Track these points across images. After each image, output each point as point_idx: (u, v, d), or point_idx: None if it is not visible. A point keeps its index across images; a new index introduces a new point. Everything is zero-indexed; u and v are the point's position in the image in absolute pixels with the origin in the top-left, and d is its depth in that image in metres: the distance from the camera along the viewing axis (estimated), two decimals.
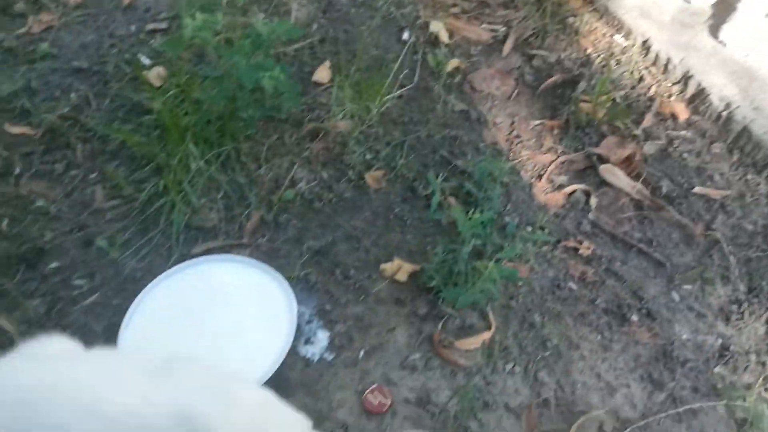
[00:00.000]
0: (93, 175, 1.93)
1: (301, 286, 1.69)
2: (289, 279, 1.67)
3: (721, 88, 2.10)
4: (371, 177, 1.94)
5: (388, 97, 2.08)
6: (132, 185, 1.88)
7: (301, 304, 1.63)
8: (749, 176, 2.01)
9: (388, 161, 1.98)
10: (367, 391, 1.47)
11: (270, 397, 1.07)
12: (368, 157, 1.99)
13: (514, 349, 1.57)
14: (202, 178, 1.86)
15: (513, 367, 1.54)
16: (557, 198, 1.91)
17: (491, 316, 1.62)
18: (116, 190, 1.89)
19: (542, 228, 1.83)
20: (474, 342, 1.56)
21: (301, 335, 1.58)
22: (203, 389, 1.00)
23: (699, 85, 2.13)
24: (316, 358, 1.55)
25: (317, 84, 2.17)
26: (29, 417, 0.94)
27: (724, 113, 2.07)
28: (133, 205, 1.85)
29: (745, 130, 2.03)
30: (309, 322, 1.62)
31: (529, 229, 1.82)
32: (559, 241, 1.81)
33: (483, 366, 1.53)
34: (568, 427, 1.42)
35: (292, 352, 1.54)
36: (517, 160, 2.01)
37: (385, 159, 1.99)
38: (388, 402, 1.45)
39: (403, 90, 2.15)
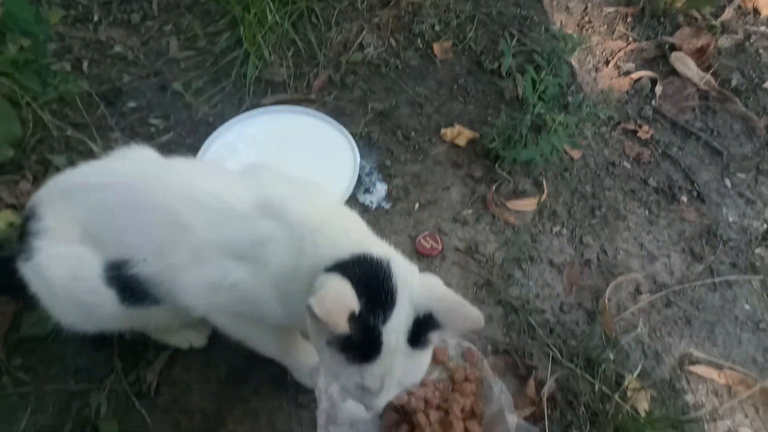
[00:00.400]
0: (168, 27, 2.01)
1: (363, 142, 1.77)
2: (352, 134, 1.75)
3: None
4: (439, 47, 1.97)
5: None
6: (206, 38, 1.96)
7: (362, 157, 1.72)
8: None
9: (457, 34, 2.00)
10: (420, 236, 1.57)
11: (341, 203, 1.17)
12: (437, 28, 2.01)
13: (563, 214, 1.65)
14: (275, 34, 1.92)
15: (560, 229, 1.62)
16: (622, 83, 1.92)
17: (545, 183, 1.69)
18: (190, 42, 1.97)
19: (606, 109, 1.86)
20: (526, 204, 1.64)
21: (361, 185, 1.68)
22: (284, 187, 1.11)
23: None
24: (374, 206, 1.65)
25: None
26: (135, 199, 1.07)
27: None
28: (206, 56, 1.93)
29: None
30: (369, 174, 1.72)
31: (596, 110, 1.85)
32: (618, 123, 1.84)
33: (532, 226, 1.62)
34: (606, 285, 1.51)
35: (352, 198, 1.65)
36: (586, 44, 2.00)
37: (454, 31, 2.01)
38: (439, 247, 1.55)
39: None
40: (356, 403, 1.22)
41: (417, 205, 1.66)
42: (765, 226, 1.68)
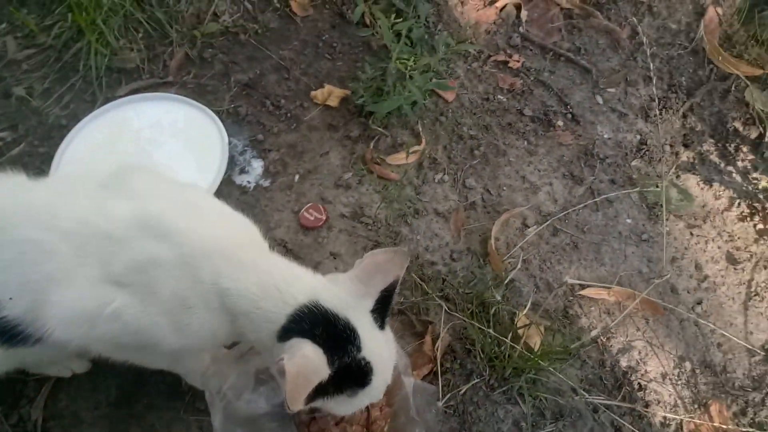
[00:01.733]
0: (2, 26, 1.81)
1: (231, 119, 1.68)
2: (218, 113, 1.65)
3: None
4: (297, 4, 1.86)
5: None
6: (45, 32, 1.78)
7: (232, 136, 1.63)
8: None
9: None
10: (303, 209, 1.51)
11: (226, 206, 1.09)
12: None
13: (444, 161, 1.62)
14: (117, 16, 1.76)
15: (442, 176, 1.59)
16: (488, 14, 1.87)
17: (421, 132, 1.64)
18: (29, 40, 1.79)
19: (472, 43, 1.81)
20: (404, 156, 1.60)
21: (235, 166, 1.60)
22: (161, 197, 1.01)
23: None
24: (252, 186, 1.57)
25: None
26: None
27: None
28: (48, 52, 1.77)
29: None
30: (242, 152, 1.63)
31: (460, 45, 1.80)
32: (489, 57, 1.81)
33: (413, 178, 1.58)
34: (493, 224, 1.50)
35: (228, 182, 1.56)
36: None
37: None
38: (324, 217, 1.50)
39: None
40: (252, 397, 1.20)
41: (297, 177, 1.59)
42: (638, 137, 1.70)
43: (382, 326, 0.97)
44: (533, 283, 1.43)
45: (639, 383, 1.31)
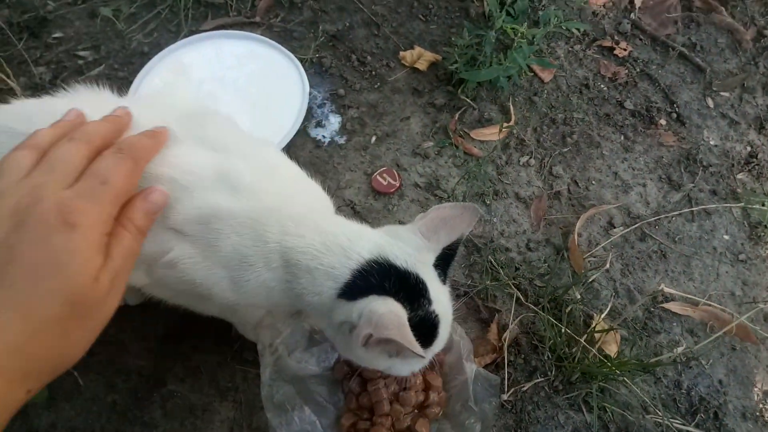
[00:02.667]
0: None
1: (314, 69, 1.61)
2: (301, 61, 1.58)
3: None
4: None
5: None
6: None
7: (313, 87, 1.56)
8: None
9: None
10: (377, 172, 1.44)
11: (300, 170, 1.03)
12: None
13: (532, 143, 1.51)
14: None
15: (528, 159, 1.49)
16: None
17: (512, 109, 1.54)
18: None
19: (580, 22, 1.68)
20: (491, 133, 1.50)
21: (312, 118, 1.53)
22: (239, 152, 0.94)
23: None
24: (327, 141, 1.50)
25: None
26: None
27: None
28: None
29: None
30: (321, 105, 1.56)
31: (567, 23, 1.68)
32: (594, 41, 1.68)
33: (497, 157, 1.48)
34: (577, 219, 1.39)
35: (303, 133, 1.50)
36: None
37: None
38: (397, 184, 1.42)
39: None
40: (304, 356, 1.14)
41: (374, 139, 1.51)
42: (749, 149, 1.55)
43: (444, 281, 0.90)
44: (612, 287, 1.32)
45: (716, 413, 1.20)
